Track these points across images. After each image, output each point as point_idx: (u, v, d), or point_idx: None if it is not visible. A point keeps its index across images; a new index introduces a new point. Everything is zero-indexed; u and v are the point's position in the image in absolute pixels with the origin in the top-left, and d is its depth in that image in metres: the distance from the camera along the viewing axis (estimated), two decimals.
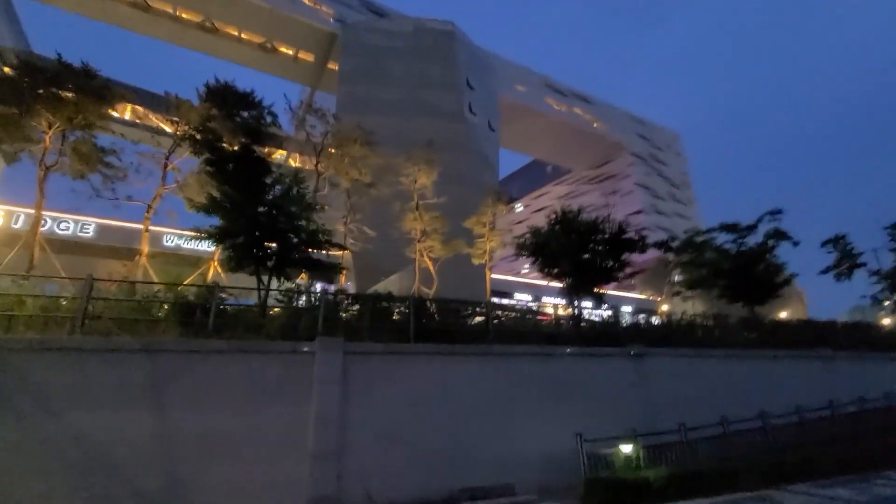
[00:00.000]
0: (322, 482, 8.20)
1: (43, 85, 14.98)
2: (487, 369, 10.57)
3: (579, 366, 11.61)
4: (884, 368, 17.08)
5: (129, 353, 7.79)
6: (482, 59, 53.98)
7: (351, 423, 8.83)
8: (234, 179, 9.98)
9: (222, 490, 7.66)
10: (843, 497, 8.40)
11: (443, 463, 9.30)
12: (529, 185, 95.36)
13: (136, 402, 7.62)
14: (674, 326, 14.53)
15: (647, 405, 11.59)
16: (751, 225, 17.76)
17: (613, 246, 13.55)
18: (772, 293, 17.30)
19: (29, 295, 8.51)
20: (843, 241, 22.91)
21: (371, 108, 38.85)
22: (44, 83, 15.01)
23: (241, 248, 9.83)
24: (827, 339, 17.35)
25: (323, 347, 9.00)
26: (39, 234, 14.16)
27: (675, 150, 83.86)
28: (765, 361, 14.54)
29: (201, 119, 17.32)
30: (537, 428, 10.33)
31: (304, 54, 52.95)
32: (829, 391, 13.83)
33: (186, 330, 8.81)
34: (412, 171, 24.60)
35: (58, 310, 8.43)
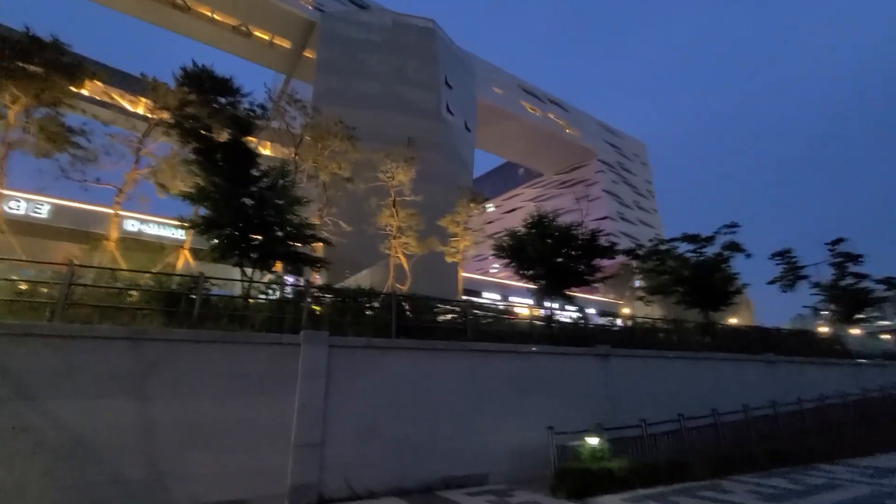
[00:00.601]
0: (304, 472, 8.41)
1: (9, 57, 14.24)
2: (464, 365, 11.01)
3: (550, 364, 12.25)
4: (820, 372, 18.74)
5: (113, 341, 7.72)
6: (461, 58, 54.37)
7: (333, 414, 9.07)
8: (222, 170, 9.94)
9: (204, 479, 7.74)
10: (780, 486, 9.37)
11: (420, 454, 9.68)
12: (502, 186, 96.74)
13: (119, 390, 7.58)
14: (637, 329, 15.48)
15: (611, 402, 12.39)
16: (709, 236, 19.09)
17: (586, 251, 14.32)
18: (726, 301, 18.68)
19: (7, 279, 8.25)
20: (788, 254, 24.82)
21: (347, 100, 38.59)
22: (10, 55, 14.28)
23: (227, 238, 9.83)
24: (771, 345, 18.88)
25: (308, 340, 9.18)
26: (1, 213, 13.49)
27: (641, 159, 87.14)
28: (717, 364, 15.71)
29: (179, 104, 16.91)
30: (510, 422, 10.88)
31: (280, 40, 51.77)
32: (772, 392, 15.15)
33: (170, 319, 8.78)
34: (390, 168, 24.78)
35: (36, 295, 8.24)
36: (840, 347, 22.42)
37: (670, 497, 8.46)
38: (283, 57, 55.56)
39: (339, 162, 22.19)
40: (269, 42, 51.95)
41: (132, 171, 16.95)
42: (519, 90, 69.11)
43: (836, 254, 25.55)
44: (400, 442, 9.58)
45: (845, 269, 25.24)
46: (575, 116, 76.21)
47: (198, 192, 9.86)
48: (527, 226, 14.91)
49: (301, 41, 50.93)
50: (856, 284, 25.13)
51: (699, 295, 17.98)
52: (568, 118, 74.77)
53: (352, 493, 8.72)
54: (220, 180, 9.77)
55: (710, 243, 19.01)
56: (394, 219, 24.89)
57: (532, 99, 70.45)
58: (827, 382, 17.57)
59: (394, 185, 25.03)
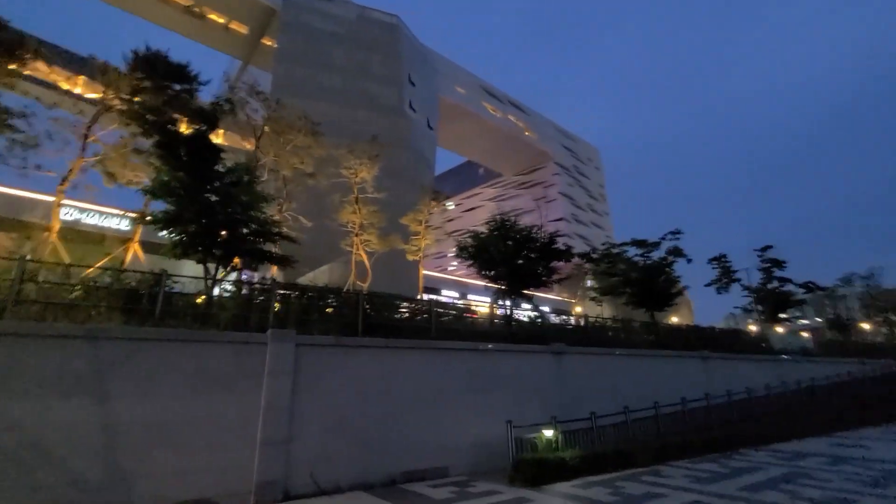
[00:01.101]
0: (270, 468, 8.49)
1: None
2: (428, 363, 11.38)
3: (509, 361, 12.86)
4: (747, 367, 20.63)
5: (70, 340, 7.47)
6: (425, 56, 54.48)
7: (299, 411, 9.17)
8: (186, 164, 9.70)
9: (168, 477, 7.66)
10: (710, 470, 10.44)
11: (385, 449, 9.97)
12: (462, 185, 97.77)
13: (77, 390, 7.34)
14: (590, 328, 16.45)
15: (565, 396, 13.18)
16: (656, 242, 20.53)
17: (544, 254, 15.07)
18: (669, 302, 20.18)
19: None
20: (724, 259, 27.03)
21: (308, 92, 37.74)
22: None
23: (190, 235, 9.61)
24: (706, 342, 20.58)
25: (276, 339, 9.22)
26: None
27: (595, 164, 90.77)
28: (659, 360, 17.00)
29: (132, 90, 16.12)
30: (471, 417, 11.37)
31: (237, 25, 49.80)
32: (706, 386, 16.62)
33: (130, 317, 8.55)
34: (354, 165, 24.66)
35: None
36: (765, 344, 24.73)
37: (616, 483, 9.25)
38: (238, 42, 53.40)
39: (302, 157, 21.84)
40: (225, 26, 49.78)
41: (78, 158, 15.95)
42: (481, 91, 70.09)
43: (764, 259, 28.12)
44: (365, 438, 9.82)
45: (771, 274, 27.82)
46: (534, 120, 78.25)
47: (160, 186, 9.57)
48: (489, 228, 15.47)
49: (259, 28, 49.19)
50: (780, 287, 27.77)
51: (646, 296, 19.34)
52: (527, 121, 76.66)
53: (317, 488, 8.88)
54: (185, 175, 9.53)
55: (656, 248, 20.48)
56: (356, 215, 24.79)
57: (493, 100, 71.65)
58: (753, 377, 19.39)
59: (357, 182, 24.93)
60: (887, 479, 9.18)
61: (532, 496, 8.38)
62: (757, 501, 7.66)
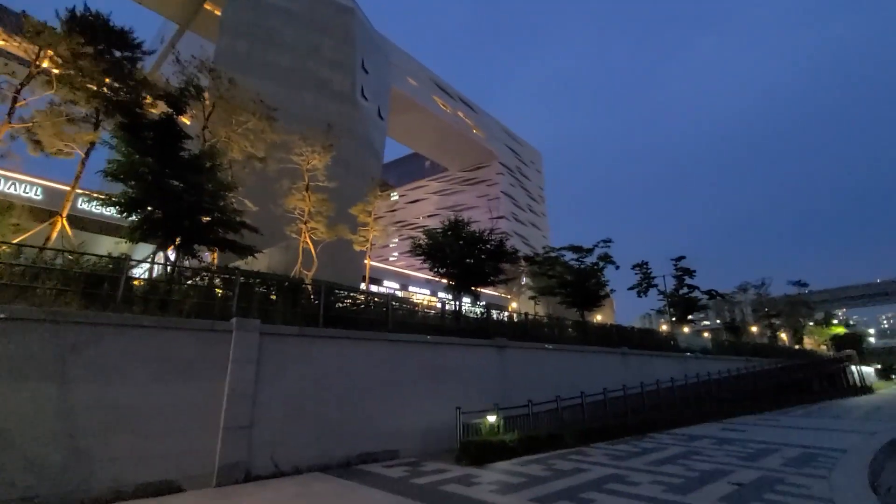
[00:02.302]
0: (232, 452, 8.81)
1: None
2: (384, 354, 12.07)
3: (458, 354, 13.88)
4: (659, 362, 23.41)
5: (32, 323, 7.31)
6: (379, 44, 53.90)
7: (262, 398, 9.52)
8: (152, 149, 9.48)
9: (129, 461, 7.76)
10: (624, 449, 12.18)
11: (341, 434, 10.57)
12: (406, 176, 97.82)
13: (36, 373, 7.23)
14: (528, 325, 17.95)
15: (506, 386, 14.48)
16: (589, 248, 22.61)
17: (494, 255, 16.24)
18: (598, 303, 22.35)
19: None
20: (645, 266, 30.13)
21: (254, 69, 36.12)
22: None
23: (153, 220, 9.47)
24: (626, 340, 23.08)
25: (240, 327, 9.46)
26: None
27: (536, 166, 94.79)
28: (587, 355, 18.95)
29: (72, 54, 15.00)
30: (422, 404, 12.26)
31: None
32: (624, 378, 18.78)
33: (91, 301, 8.41)
34: (305, 152, 24.37)
35: None
36: (674, 343, 28.00)
37: (549, 461, 10.60)
38: (176, 5, 49.72)
39: (253, 140, 21.27)
40: None
41: (5, 122, 14.61)
42: (432, 85, 70.57)
43: (677, 268, 31.71)
44: (323, 423, 10.36)
45: (683, 281, 31.48)
46: (482, 118, 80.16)
47: (126, 169, 9.30)
48: (444, 227, 16.34)
49: None
50: (689, 293, 31.51)
51: (578, 297, 21.32)
52: (476, 119, 78.38)
53: (277, 470, 9.33)
54: (152, 160, 9.34)
55: (590, 254, 22.57)
56: (305, 203, 24.54)
57: (444, 95, 72.43)
58: (663, 371, 22.11)
59: (308, 170, 24.67)
60: (758, 455, 11.37)
61: (477, 473, 9.45)
62: (660, 472, 9.29)
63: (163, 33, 60.63)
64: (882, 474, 9.90)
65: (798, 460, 10.57)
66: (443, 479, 8.81)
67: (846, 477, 8.64)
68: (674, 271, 31.50)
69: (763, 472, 9.37)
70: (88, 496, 7.25)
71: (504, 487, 8.19)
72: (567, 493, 7.65)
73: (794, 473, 9.17)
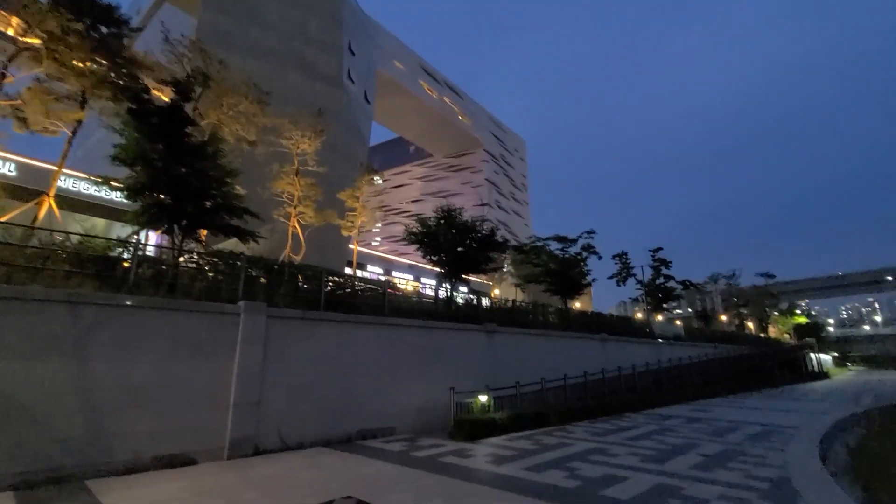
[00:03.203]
0: (242, 427, 9.31)
1: None
2: (382, 337, 12.65)
3: (450, 337, 14.56)
4: (635, 348, 24.67)
5: (50, 304, 7.58)
6: (366, 26, 53.12)
7: (268, 377, 9.99)
8: (159, 134, 9.63)
9: (145, 435, 8.18)
10: (603, 427, 13.15)
11: (342, 411, 11.16)
12: (390, 160, 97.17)
13: (57, 352, 7.53)
14: (516, 311, 18.76)
15: (495, 368, 15.26)
16: (573, 238, 23.49)
17: (484, 244, 16.86)
18: (580, 291, 23.35)
19: None
20: (625, 256, 31.34)
21: (237, 47, 35.27)
22: None
23: (160, 205, 9.68)
24: (605, 327, 24.23)
25: (248, 311, 9.86)
26: None
27: (520, 154, 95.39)
28: (568, 340, 19.92)
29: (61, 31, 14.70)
30: (417, 384, 12.92)
31: None
32: (603, 362, 19.87)
33: (103, 283, 8.68)
34: (296, 136, 24.36)
35: None
36: (649, 330, 29.42)
37: (535, 437, 11.45)
38: None
39: (244, 124, 21.17)
40: None
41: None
42: (419, 69, 69.96)
43: (655, 259, 33.09)
44: (325, 401, 10.92)
45: (660, 271, 32.89)
46: (468, 105, 79.99)
47: (133, 153, 9.43)
48: (437, 216, 16.85)
49: None
50: (665, 283, 32.96)
51: (562, 285, 22.23)
52: (462, 106, 78.19)
53: (284, 444, 9.88)
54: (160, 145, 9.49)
55: (574, 244, 23.46)
56: (294, 187, 24.60)
57: (430, 80, 71.95)
58: (638, 356, 23.35)
59: (298, 154, 24.68)
60: (723, 431, 12.49)
61: (471, 447, 10.20)
62: (637, 446, 10.22)
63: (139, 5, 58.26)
64: (830, 448, 11.10)
65: (758, 436, 11.70)
66: (441, 453, 9.53)
67: (798, 448, 9.73)
68: (651, 262, 32.93)
69: (727, 445, 10.41)
70: (110, 468, 7.67)
71: (498, 459, 8.94)
72: (555, 464, 8.46)
73: (755, 446, 10.23)
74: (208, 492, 6.70)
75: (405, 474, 7.76)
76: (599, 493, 6.60)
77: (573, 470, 7.96)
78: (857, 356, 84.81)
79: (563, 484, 7.06)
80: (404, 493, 6.55)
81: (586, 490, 6.74)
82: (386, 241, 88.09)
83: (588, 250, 23.70)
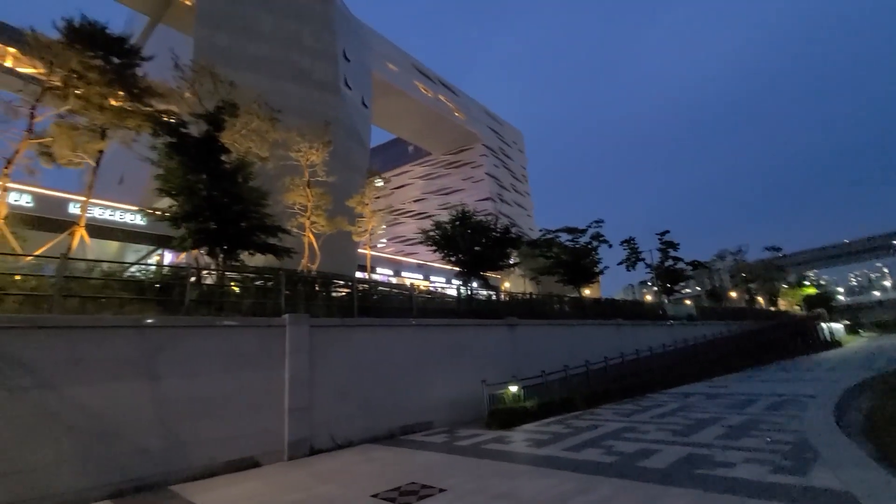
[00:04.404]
0: (297, 430, 10.07)
1: None
2: (412, 337, 13.38)
3: (474, 333, 15.28)
4: (649, 331, 25.33)
5: (119, 329, 8.33)
6: (358, 31, 53.60)
7: (315, 382, 10.74)
8: (198, 164, 10.34)
9: (216, 442, 8.95)
10: (629, 408, 13.85)
11: (383, 410, 11.91)
12: (390, 162, 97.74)
13: (131, 373, 8.29)
14: (533, 303, 19.46)
15: (517, 359, 15.98)
16: (583, 229, 24.13)
17: (500, 243, 17.55)
18: (592, 279, 24.01)
19: (9, 273, 8.01)
20: (632, 242, 31.94)
21: (234, 61, 35.83)
22: None
23: (205, 231, 10.41)
24: (618, 312, 24.88)
25: (292, 322, 10.60)
26: None
27: (519, 146, 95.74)
28: (586, 328, 20.61)
29: (82, 68, 15.43)
30: (447, 380, 13.65)
31: None
32: (620, 346, 20.54)
33: (163, 307, 9.43)
34: (304, 148, 25.04)
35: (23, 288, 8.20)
36: (661, 312, 30.06)
37: (566, 421, 12.17)
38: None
39: (257, 141, 21.84)
40: None
41: (25, 139, 15.07)
42: (413, 70, 70.40)
43: (662, 242, 33.67)
44: (367, 400, 11.67)
45: (667, 254, 33.46)
46: (463, 101, 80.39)
47: (178, 184, 10.15)
48: (452, 218, 17.55)
49: None
50: (674, 265, 33.54)
51: (574, 274, 22.90)
52: (457, 102, 78.59)
53: (335, 444, 10.64)
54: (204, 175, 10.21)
55: (583, 234, 24.11)
56: (305, 198, 25.30)
57: (424, 79, 72.37)
58: (653, 338, 24.02)
59: (307, 165, 25.37)
60: (743, 404, 13.16)
61: (508, 434, 10.93)
62: (664, 423, 10.92)
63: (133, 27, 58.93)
64: (845, 412, 11.75)
65: (776, 405, 12.38)
66: (482, 441, 10.26)
67: (814, 414, 10.40)
68: (659, 245, 33.53)
69: (748, 416, 11.09)
70: (188, 473, 8.45)
71: (536, 443, 9.66)
72: (591, 443, 9.17)
73: (773, 415, 10.91)
74: (286, 487, 7.46)
75: (455, 461, 8.49)
76: (637, 464, 7.30)
77: (609, 447, 8.66)
78: (868, 322, 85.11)
79: (602, 459, 7.77)
80: (461, 476, 7.27)
81: (625, 462, 7.45)
82: (391, 243, 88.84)
83: (597, 239, 24.34)
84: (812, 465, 6.58)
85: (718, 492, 5.68)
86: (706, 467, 6.86)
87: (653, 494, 5.81)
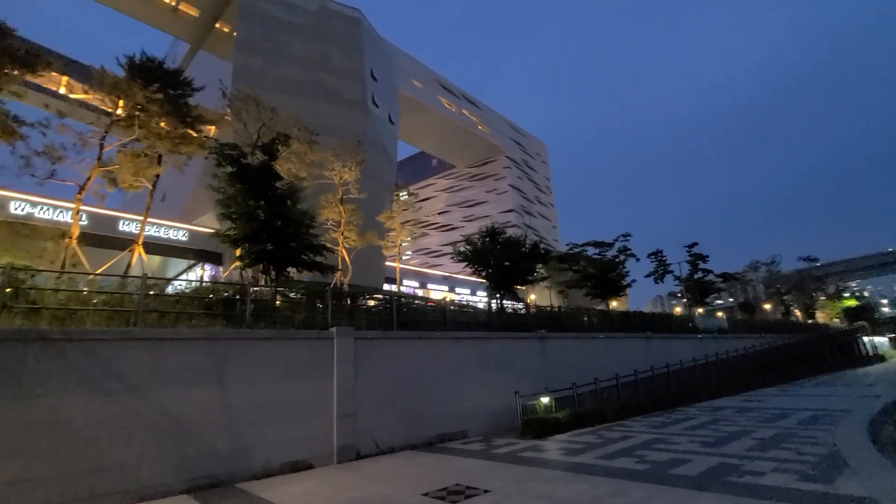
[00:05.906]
0: (345, 435, 10.86)
1: None
2: (447, 349, 14.06)
3: (504, 345, 15.85)
4: (679, 344, 25.25)
5: (194, 341, 9.34)
6: (384, 50, 55.43)
7: (360, 391, 11.54)
8: (257, 191, 11.43)
9: (273, 445, 9.82)
10: (659, 420, 14.10)
11: (422, 417, 12.59)
12: (414, 175, 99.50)
13: (203, 380, 9.27)
14: (562, 316, 19.88)
15: (547, 371, 16.43)
16: (609, 242, 24.48)
17: (529, 257, 18.14)
18: (620, 293, 24.23)
19: (99, 291, 9.20)
20: (660, 254, 31.91)
21: (268, 84, 37.81)
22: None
23: (262, 251, 11.46)
24: (647, 325, 24.94)
25: (340, 334, 11.47)
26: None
27: (542, 158, 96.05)
28: (615, 340, 20.86)
29: (145, 100, 17.03)
30: (480, 390, 14.23)
31: (187, 7, 48.05)
32: (650, 359, 20.67)
33: (227, 321, 10.44)
34: (337, 167, 26.32)
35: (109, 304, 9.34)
36: (691, 325, 29.82)
37: (598, 432, 12.57)
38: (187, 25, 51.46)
39: (296, 163, 23.20)
40: (173, 7, 47.86)
41: (95, 166, 16.70)
42: (437, 85, 72.03)
43: (690, 254, 33.46)
44: (407, 409, 12.38)
45: (697, 266, 33.21)
46: (486, 114, 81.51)
47: (240, 210, 11.26)
48: (482, 235, 18.28)
49: (211, 11, 47.75)
50: (703, 278, 33.24)
51: (602, 287, 23.20)
52: (480, 115, 79.76)
53: (378, 449, 11.37)
54: (262, 202, 11.30)
55: (610, 248, 24.43)
56: (338, 214, 26.51)
57: (448, 95, 73.88)
58: (684, 351, 23.94)
59: (341, 184, 26.62)
60: (775, 418, 13.25)
61: (542, 444, 11.42)
62: (694, 435, 11.21)
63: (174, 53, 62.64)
64: (881, 429, 11.76)
65: (809, 420, 12.46)
66: (517, 449, 10.80)
67: (847, 429, 10.52)
68: (687, 257, 33.33)
69: (780, 430, 11.27)
70: (250, 472, 9.31)
71: (570, 452, 10.15)
72: (623, 452, 9.61)
73: (806, 429, 11.06)
74: (341, 486, 8.22)
75: (494, 466, 9.08)
76: (669, 472, 7.74)
77: (641, 456, 9.09)
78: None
79: (635, 467, 8.23)
80: (502, 480, 7.87)
81: (657, 470, 7.90)
82: (416, 255, 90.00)
83: (624, 253, 24.59)
84: (839, 474, 6.91)
85: (746, 496, 6.11)
86: (735, 475, 7.25)
87: (683, 497, 6.28)
